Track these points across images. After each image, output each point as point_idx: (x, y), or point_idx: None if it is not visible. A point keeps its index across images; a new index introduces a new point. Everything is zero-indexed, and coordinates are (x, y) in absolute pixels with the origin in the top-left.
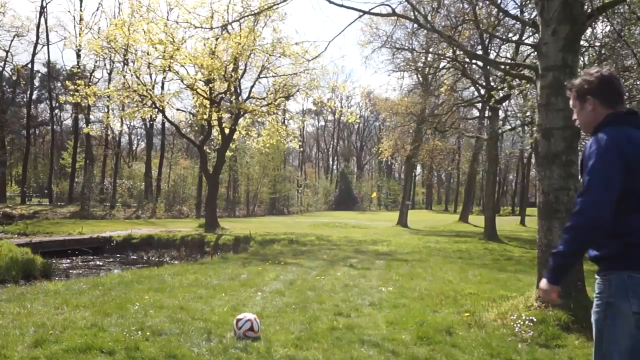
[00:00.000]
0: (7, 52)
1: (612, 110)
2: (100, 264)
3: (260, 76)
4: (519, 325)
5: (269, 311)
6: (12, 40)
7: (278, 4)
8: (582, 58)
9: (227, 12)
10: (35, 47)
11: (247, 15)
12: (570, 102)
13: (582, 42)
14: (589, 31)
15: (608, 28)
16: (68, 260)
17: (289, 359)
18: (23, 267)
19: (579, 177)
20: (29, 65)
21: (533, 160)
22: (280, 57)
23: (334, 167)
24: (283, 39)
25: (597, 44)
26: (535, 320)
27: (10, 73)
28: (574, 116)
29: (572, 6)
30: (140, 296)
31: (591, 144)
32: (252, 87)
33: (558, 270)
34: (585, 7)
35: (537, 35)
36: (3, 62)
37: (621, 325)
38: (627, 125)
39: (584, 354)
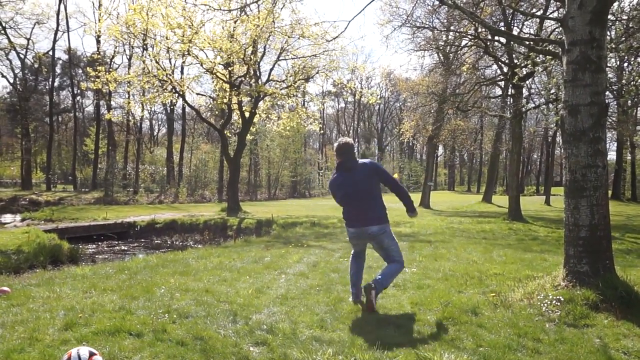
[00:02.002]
0: (28, 39)
1: (340, 160)
2: (125, 248)
3: (280, 58)
4: (546, 305)
5: (293, 293)
6: (32, 28)
7: None
8: (609, 32)
9: None
10: (55, 34)
11: None
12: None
13: (609, 16)
14: (616, 4)
15: (636, 1)
16: (94, 246)
17: (314, 340)
18: (51, 252)
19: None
20: (50, 53)
21: (558, 139)
22: (299, 38)
23: (355, 149)
24: (302, 20)
25: (625, 17)
26: (562, 299)
27: (32, 61)
28: None
29: None
30: (165, 280)
31: None
32: (271, 69)
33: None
34: None
35: (562, 10)
36: (24, 50)
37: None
38: (338, 170)
39: (613, 334)
